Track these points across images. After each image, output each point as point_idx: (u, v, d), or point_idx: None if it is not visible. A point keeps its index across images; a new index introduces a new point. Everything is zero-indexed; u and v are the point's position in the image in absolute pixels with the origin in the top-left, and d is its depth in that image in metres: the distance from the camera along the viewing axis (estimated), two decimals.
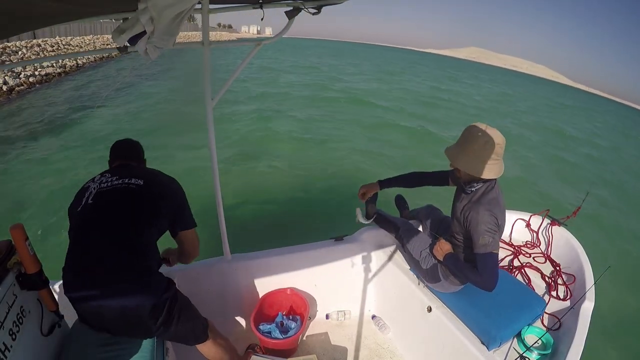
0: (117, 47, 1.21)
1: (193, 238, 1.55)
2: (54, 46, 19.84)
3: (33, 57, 15.55)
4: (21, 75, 12.20)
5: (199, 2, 1.30)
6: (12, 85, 11.18)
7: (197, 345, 1.50)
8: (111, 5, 1.18)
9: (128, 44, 1.03)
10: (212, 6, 1.44)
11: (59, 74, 14.98)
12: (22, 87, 11.70)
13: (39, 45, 18.39)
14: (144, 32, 0.91)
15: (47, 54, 17.37)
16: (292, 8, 1.43)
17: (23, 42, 17.80)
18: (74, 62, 17.22)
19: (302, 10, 1.44)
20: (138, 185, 1.35)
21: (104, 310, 1.22)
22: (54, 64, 15.27)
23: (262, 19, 1.50)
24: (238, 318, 2.14)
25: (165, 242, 1.50)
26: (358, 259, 2.22)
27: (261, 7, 1.45)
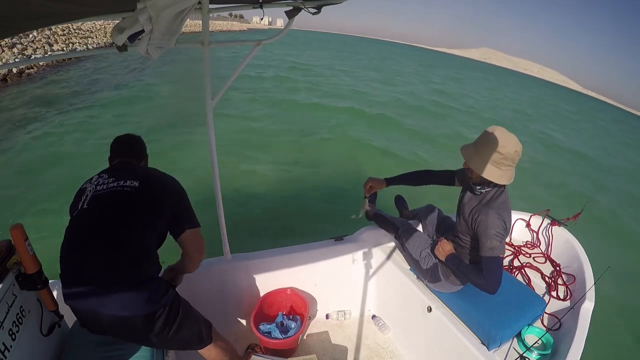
0: (116, 47, 1.21)
1: (197, 239, 1.45)
2: (64, 30, 20.01)
3: (43, 40, 15.88)
4: (32, 59, 12.25)
5: (199, 2, 1.30)
6: (22, 69, 11.46)
7: (198, 350, 1.48)
8: (111, 5, 1.18)
9: (128, 42, 1.02)
10: (212, 6, 1.44)
11: (69, 58, 15.21)
12: (32, 70, 11.96)
13: (49, 29, 18.40)
14: (143, 30, 0.91)
15: (57, 38, 17.64)
16: (292, 7, 1.43)
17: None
18: (84, 47, 17.61)
19: (302, 10, 1.44)
20: (133, 187, 1.31)
21: (101, 318, 1.20)
22: (64, 48, 15.64)
23: (261, 19, 1.50)
24: (238, 318, 2.14)
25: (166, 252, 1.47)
26: (358, 258, 2.22)
27: (261, 7, 1.45)
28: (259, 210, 4.77)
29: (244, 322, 2.15)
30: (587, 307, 1.72)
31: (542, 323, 1.78)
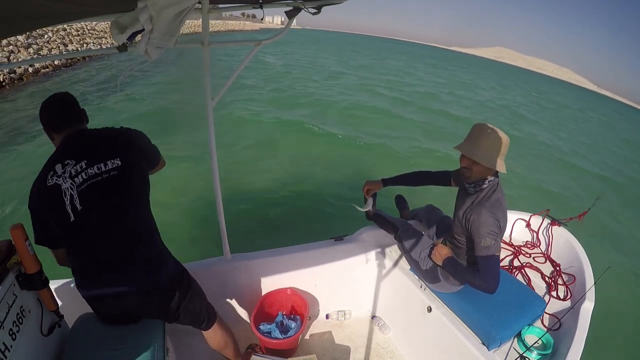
0: (116, 47, 1.21)
1: (163, 160, 1.55)
2: (79, 30, 20.25)
3: (58, 40, 16.26)
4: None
5: (199, 2, 1.30)
6: (37, 68, 11.82)
7: (204, 332, 1.55)
8: (111, 5, 1.18)
9: (127, 42, 1.03)
10: (212, 6, 1.44)
11: (83, 57, 15.61)
12: (47, 70, 12.31)
13: (64, 29, 18.73)
14: (143, 29, 0.91)
15: (72, 38, 18.02)
16: (292, 8, 1.43)
17: (49, 25, 18.04)
18: (99, 46, 18.49)
19: (302, 10, 1.44)
20: (118, 168, 1.23)
21: (127, 302, 1.28)
22: (79, 48, 16.13)
23: (262, 19, 1.51)
24: (238, 318, 2.14)
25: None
26: (358, 258, 2.22)
27: (261, 7, 1.45)
28: (259, 210, 4.77)
29: (244, 322, 2.15)
30: (587, 307, 1.72)
31: (542, 323, 1.78)
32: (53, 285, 1.53)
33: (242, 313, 2.15)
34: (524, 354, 1.54)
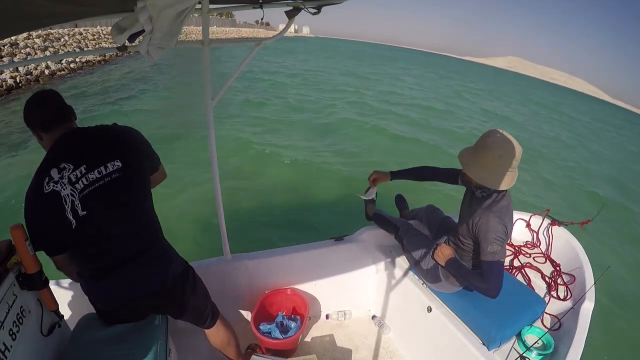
0: (116, 47, 1.21)
1: (163, 169, 1.50)
2: (95, 35, 20.51)
3: (75, 44, 16.59)
4: (62, 61, 12.95)
5: (199, 2, 1.30)
6: (53, 70, 11.96)
7: (206, 330, 1.56)
8: (112, 5, 1.18)
9: (127, 42, 1.03)
10: (212, 6, 1.44)
11: (99, 61, 15.87)
12: (63, 72, 12.48)
13: (80, 34, 18.98)
14: (143, 30, 0.91)
15: (88, 42, 18.31)
16: (292, 8, 1.43)
17: (65, 30, 18.25)
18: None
19: (302, 10, 1.44)
20: (118, 169, 1.20)
21: (136, 301, 1.29)
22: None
23: (262, 19, 1.52)
24: (238, 318, 2.14)
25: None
26: (358, 258, 2.22)
27: (261, 7, 1.45)
28: (259, 211, 4.78)
29: (244, 322, 2.15)
30: (587, 307, 1.72)
31: (542, 323, 1.78)
32: (53, 285, 1.53)
33: (242, 313, 2.15)
34: (524, 354, 1.54)
